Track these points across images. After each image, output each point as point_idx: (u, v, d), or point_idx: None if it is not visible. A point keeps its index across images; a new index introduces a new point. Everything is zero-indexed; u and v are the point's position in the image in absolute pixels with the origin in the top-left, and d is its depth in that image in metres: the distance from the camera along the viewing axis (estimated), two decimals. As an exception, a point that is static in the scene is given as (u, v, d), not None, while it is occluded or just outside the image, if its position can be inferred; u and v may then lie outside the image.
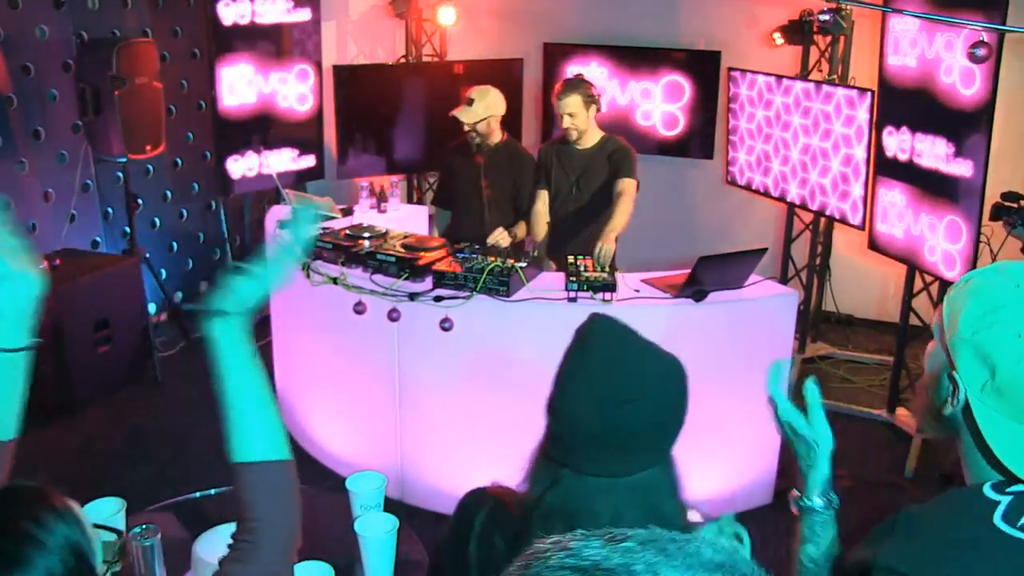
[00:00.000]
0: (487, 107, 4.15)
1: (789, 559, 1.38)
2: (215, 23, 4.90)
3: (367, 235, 3.78)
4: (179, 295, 5.68)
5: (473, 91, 4.18)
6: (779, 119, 4.90)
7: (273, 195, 5.10)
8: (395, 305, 3.45)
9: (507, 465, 1.36)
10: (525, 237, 4.23)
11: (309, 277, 3.67)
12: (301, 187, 5.45)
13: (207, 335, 1.23)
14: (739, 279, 3.56)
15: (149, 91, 4.70)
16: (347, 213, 4.41)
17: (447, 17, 5.94)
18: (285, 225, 1.34)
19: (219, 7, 4.88)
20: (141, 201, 5.18)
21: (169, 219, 5.60)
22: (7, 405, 1.24)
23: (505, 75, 5.76)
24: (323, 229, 3.95)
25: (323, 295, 3.65)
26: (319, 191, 5.48)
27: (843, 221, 4.65)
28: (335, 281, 3.59)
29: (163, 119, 4.87)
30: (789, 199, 4.98)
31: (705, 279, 3.43)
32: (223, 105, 5.04)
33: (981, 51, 3.48)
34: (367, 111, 5.65)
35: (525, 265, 3.49)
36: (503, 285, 3.35)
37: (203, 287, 5.90)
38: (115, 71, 4.47)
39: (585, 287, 3.39)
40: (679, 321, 3.45)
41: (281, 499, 1.21)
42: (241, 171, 5.20)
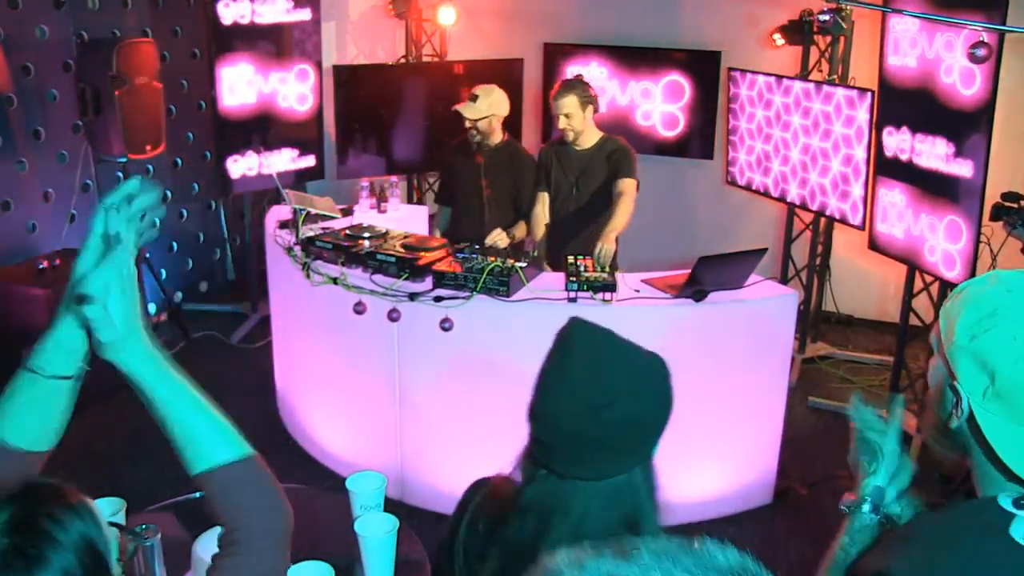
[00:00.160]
0: (490, 105, 4.15)
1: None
2: (215, 23, 4.91)
3: (367, 235, 3.77)
4: (179, 295, 5.69)
5: (478, 88, 4.18)
6: (779, 119, 4.90)
7: (273, 195, 5.10)
8: (395, 305, 3.45)
9: (507, 465, 1.38)
10: (525, 238, 4.23)
11: (309, 277, 3.67)
12: (301, 187, 5.45)
13: (118, 369, 1.16)
14: (739, 279, 3.56)
15: (149, 91, 4.70)
16: (347, 213, 4.41)
17: (447, 17, 5.94)
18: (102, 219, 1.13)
19: (219, 7, 4.88)
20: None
21: (169, 219, 5.60)
22: (51, 422, 1.24)
23: (505, 75, 5.75)
24: (323, 229, 3.96)
25: (323, 295, 3.65)
26: (319, 191, 5.49)
27: (843, 221, 4.65)
28: (335, 281, 3.59)
29: (163, 119, 4.87)
30: (789, 199, 4.98)
31: (705, 279, 3.43)
32: (223, 105, 5.04)
33: (981, 51, 3.48)
34: (367, 111, 5.65)
35: (525, 265, 3.48)
36: (503, 285, 3.35)
37: (203, 287, 5.91)
38: (115, 71, 4.47)
39: (585, 287, 3.39)
40: (679, 321, 3.45)
41: (253, 495, 1.17)
42: (241, 171, 5.20)
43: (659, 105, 5.69)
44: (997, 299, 1.13)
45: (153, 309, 5.27)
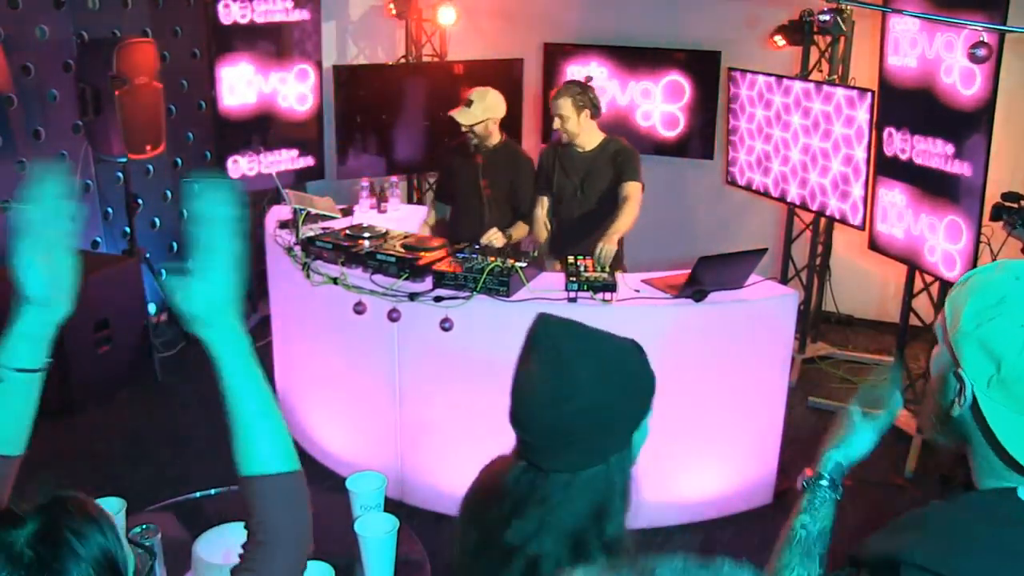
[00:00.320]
0: (485, 109, 4.14)
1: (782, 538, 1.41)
2: (215, 23, 4.91)
3: (367, 235, 3.78)
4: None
5: (472, 92, 4.17)
6: (779, 119, 4.90)
7: (273, 195, 5.10)
8: (395, 305, 3.45)
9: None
10: (523, 238, 4.23)
11: (309, 277, 3.67)
12: (301, 187, 5.45)
13: (206, 349, 1.19)
14: (739, 279, 3.56)
15: (149, 91, 4.70)
16: (347, 213, 4.41)
17: (447, 17, 5.94)
18: (193, 207, 1.18)
19: (219, 7, 4.88)
20: (141, 201, 5.18)
21: (169, 219, 5.60)
22: (18, 423, 1.24)
23: (505, 75, 5.76)
24: (323, 229, 3.96)
25: (323, 295, 3.65)
26: (319, 191, 5.48)
27: (843, 221, 4.65)
28: (335, 281, 3.59)
29: (163, 119, 4.87)
30: (789, 199, 4.98)
31: (705, 279, 3.43)
32: (223, 105, 5.04)
33: (981, 51, 3.48)
34: (367, 111, 5.65)
35: (525, 265, 3.48)
36: (503, 285, 3.35)
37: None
38: (115, 71, 4.47)
39: (585, 287, 3.39)
40: (679, 321, 3.45)
41: (292, 511, 1.18)
42: (241, 171, 5.20)
43: (659, 105, 5.69)
44: (1005, 287, 1.13)
45: (153, 309, 5.26)
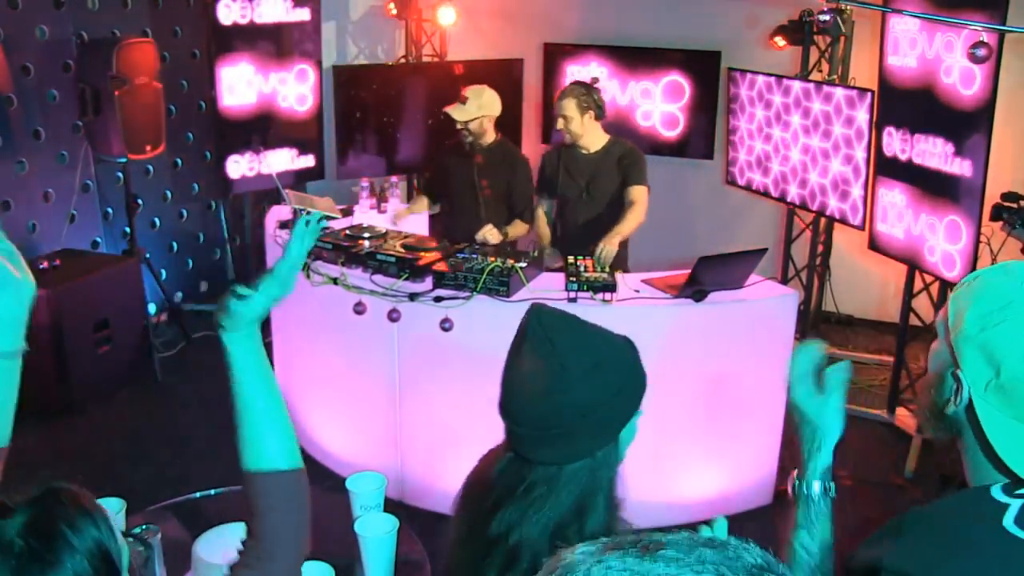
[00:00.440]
0: (480, 106, 4.14)
1: (782, 547, 1.38)
2: (215, 23, 4.90)
3: (367, 235, 3.78)
4: (179, 295, 5.69)
5: (468, 90, 4.18)
6: (779, 119, 4.90)
7: (273, 195, 5.10)
8: (395, 305, 3.45)
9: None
10: (519, 236, 4.22)
11: (309, 277, 3.67)
12: (301, 187, 5.45)
13: (223, 345, 1.22)
14: (739, 279, 3.56)
15: (149, 91, 4.70)
16: (347, 213, 4.41)
17: (447, 17, 5.94)
18: (292, 237, 1.32)
19: (219, 7, 4.88)
20: (141, 201, 5.18)
21: (169, 219, 5.60)
22: (2, 412, 1.23)
23: (505, 75, 5.76)
24: (323, 229, 3.95)
25: (323, 295, 3.65)
26: (319, 191, 5.48)
27: (843, 221, 4.65)
28: (335, 281, 3.59)
29: (163, 119, 4.87)
30: (789, 199, 4.98)
31: (705, 279, 3.43)
32: (223, 105, 5.04)
33: (981, 51, 3.48)
34: (367, 111, 5.65)
35: (525, 265, 3.49)
36: (503, 285, 3.35)
37: (203, 287, 5.91)
38: (115, 71, 4.47)
39: (585, 287, 3.39)
40: (679, 321, 3.45)
41: (292, 508, 1.20)
42: (241, 171, 5.20)
43: (659, 105, 5.69)
44: (1011, 292, 1.12)
45: (153, 309, 5.26)
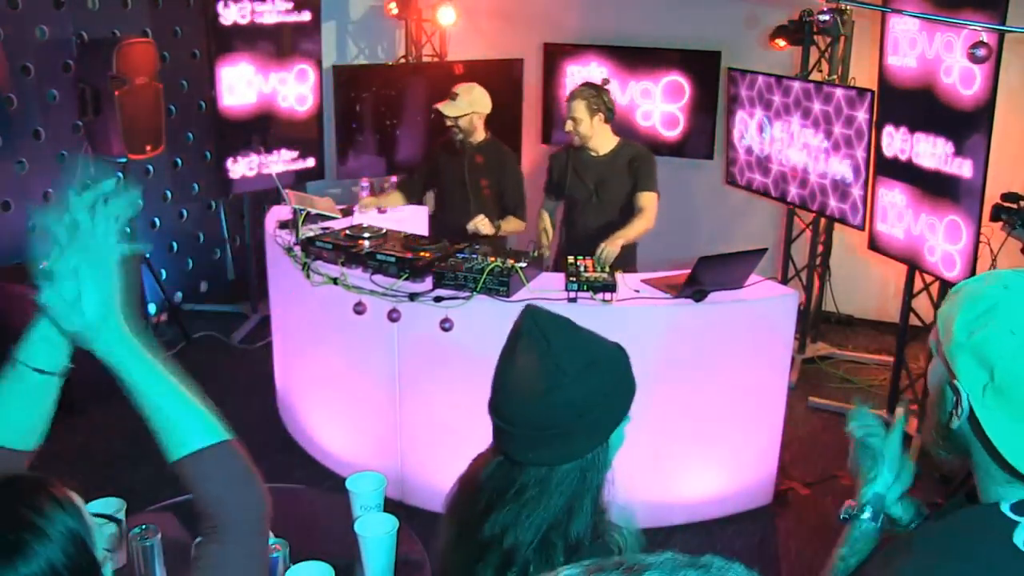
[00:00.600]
0: (471, 103, 4.15)
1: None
2: (215, 23, 4.91)
3: (367, 235, 3.78)
4: (179, 295, 5.69)
5: (458, 87, 4.20)
6: (779, 119, 4.90)
7: (273, 195, 5.10)
8: (395, 305, 3.45)
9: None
10: (512, 232, 4.20)
11: (309, 277, 3.67)
12: (301, 187, 5.45)
13: (98, 356, 1.17)
14: (739, 279, 3.56)
15: (149, 91, 4.70)
16: (347, 213, 4.40)
17: (447, 17, 5.94)
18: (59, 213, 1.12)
19: (219, 7, 4.88)
20: (141, 201, 5.18)
21: (169, 219, 5.60)
22: (35, 420, 1.23)
23: (505, 75, 5.76)
24: (323, 229, 3.96)
25: (323, 295, 3.65)
26: (319, 191, 5.48)
27: (843, 221, 4.64)
28: (335, 281, 3.59)
29: (163, 119, 4.87)
30: (789, 199, 4.98)
31: (705, 279, 3.43)
32: (223, 105, 5.04)
33: (981, 51, 3.48)
34: (367, 111, 5.65)
35: (525, 265, 3.48)
36: (503, 285, 3.35)
37: (203, 287, 5.91)
38: (115, 71, 4.47)
39: (585, 287, 3.39)
40: (679, 321, 3.45)
41: (229, 480, 1.17)
42: (241, 171, 5.20)
43: (659, 105, 5.69)
44: (995, 295, 1.13)
45: (153, 309, 5.27)
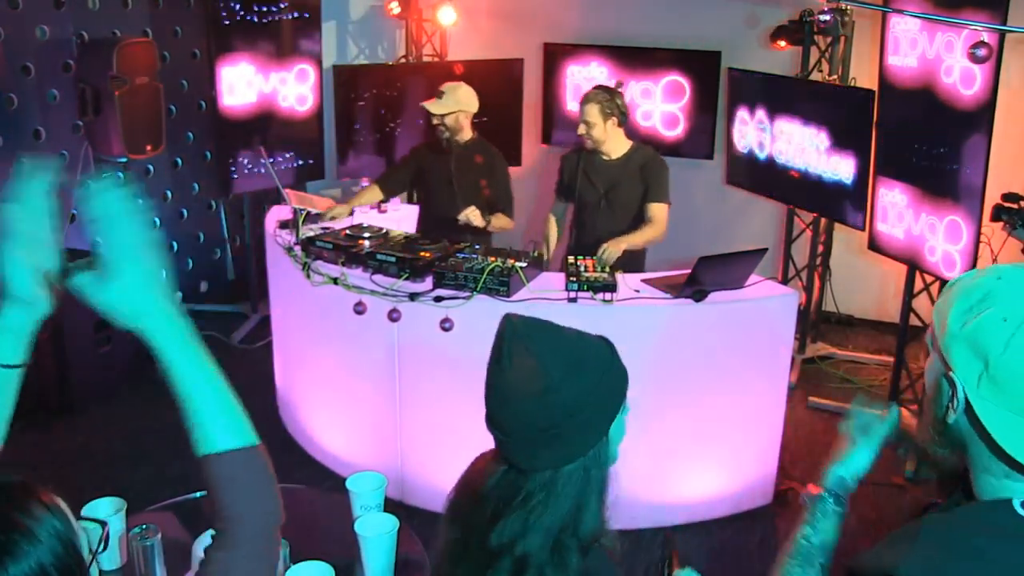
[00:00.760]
0: (457, 101, 4.14)
1: (782, 545, 1.43)
2: (215, 23, 4.90)
3: (367, 235, 3.78)
4: (179, 295, 5.68)
5: (445, 85, 4.20)
6: (779, 119, 4.90)
7: (273, 195, 5.10)
8: (395, 305, 3.45)
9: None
10: (502, 229, 4.18)
11: (309, 277, 3.67)
12: (301, 187, 5.45)
13: (144, 342, 1.17)
14: (739, 279, 3.56)
15: (149, 91, 4.70)
16: (347, 213, 4.40)
17: (447, 17, 5.94)
18: (90, 209, 1.18)
19: (219, 7, 4.88)
20: (141, 201, 5.18)
21: (169, 219, 5.60)
22: (1, 414, 1.23)
23: (505, 75, 5.76)
24: (323, 229, 3.96)
25: (323, 295, 3.65)
26: (319, 191, 5.49)
27: (843, 221, 4.64)
28: (335, 281, 3.59)
29: (163, 119, 4.87)
30: (789, 199, 4.98)
31: (705, 279, 3.43)
32: (223, 105, 5.04)
33: (981, 51, 3.48)
34: (367, 111, 5.66)
35: (525, 265, 3.49)
36: (503, 285, 3.35)
37: (203, 287, 5.91)
38: (115, 71, 4.47)
39: (585, 287, 3.39)
40: (679, 321, 3.45)
41: (251, 485, 1.18)
42: (241, 171, 5.20)
43: (659, 105, 5.69)
44: (987, 285, 1.13)
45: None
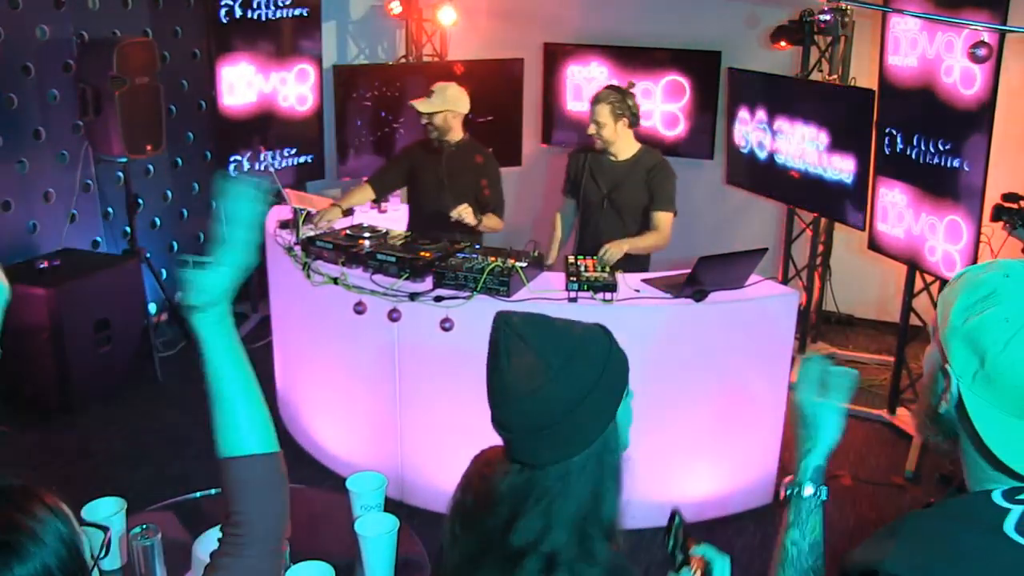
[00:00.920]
0: (445, 100, 4.13)
1: (777, 548, 1.41)
2: (215, 23, 4.90)
3: (367, 235, 3.78)
4: (179, 295, 5.69)
5: (435, 85, 4.20)
6: (779, 119, 4.90)
7: (273, 195, 5.10)
8: (395, 305, 3.45)
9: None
10: (493, 229, 4.16)
11: (309, 277, 3.67)
12: (301, 187, 5.45)
13: (194, 331, 1.22)
14: (739, 279, 3.56)
15: (149, 91, 4.70)
16: (347, 213, 4.40)
17: (447, 17, 5.94)
18: (222, 206, 1.28)
19: (219, 7, 4.88)
20: (141, 201, 5.19)
21: (169, 219, 5.60)
22: None
23: (505, 75, 5.76)
24: (323, 229, 3.96)
25: (323, 295, 3.65)
26: (319, 191, 5.48)
27: (843, 221, 4.64)
28: (335, 281, 3.59)
29: (163, 119, 4.87)
30: (789, 199, 4.98)
31: (705, 279, 3.43)
32: (223, 105, 5.04)
33: (981, 51, 3.48)
34: (367, 111, 5.66)
35: (525, 265, 3.49)
36: (503, 285, 3.35)
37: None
38: (115, 71, 4.47)
39: (585, 287, 3.39)
40: (679, 321, 3.45)
41: (268, 492, 1.19)
42: (241, 171, 5.19)
43: (659, 105, 5.69)
44: (994, 283, 1.13)
45: (153, 309, 5.26)
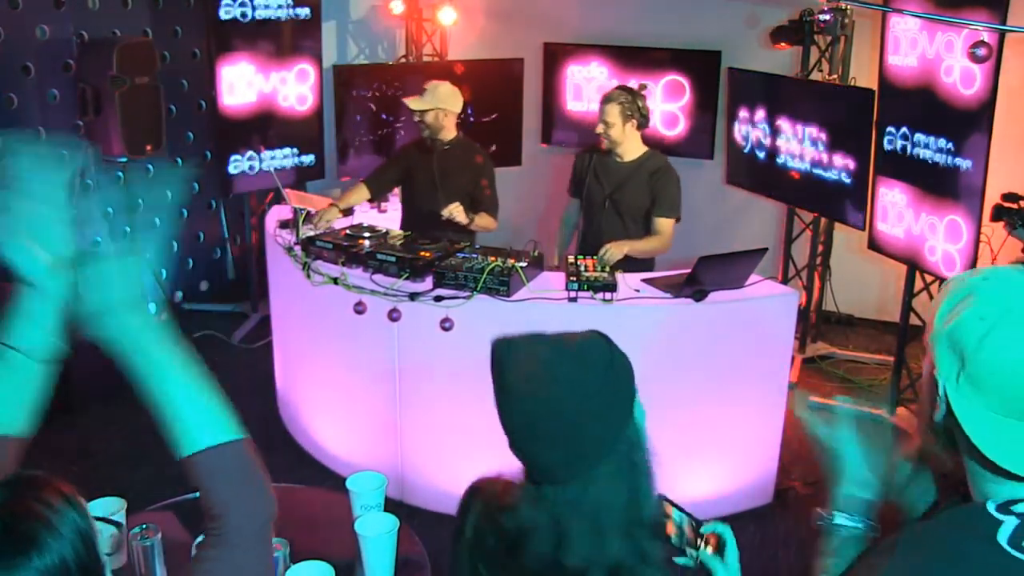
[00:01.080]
0: (436, 98, 4.12)
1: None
2: (215, 23, 4.90)
3: (367, 235, 3.78)
4: (179, 295, 5.69)
5: (428, 83, 4.20)
6: (779, 119, 4.90)
7: (273, 195, 5.10)
8: (395, 305, 3.45)
9: (507, 465, 1.38)
10: (486, 228, 4.16)
11: (309, 277, 3.67)
12: (301, 187, 5.45)
13: (105, 342, 1.15)
14: (739, 279, 3.56)
15: (149, 91, 4.70)
16: (347, 213, 4.40)
17: (447, 17, 5.94)
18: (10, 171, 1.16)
19: (219, 6, 4.88)
20: (141, 201, 5.18)
21: (169, 219, 5.60)
22: (19, 401, 1.21)
23: (505, 75, 5.76)
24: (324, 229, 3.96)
25: (323, 295, 3.65)
26: (319, 191, 5.48)
27: (843, 221, 4.64)
28: (335, 281, 3.59)
29: (163, 119, 4.87)
30: (789, 199, 4.98)
31: (705, 279, 3.43)
32: (223, 105, 5.04)
33: (981, 51, 3.48)
34: (368, 111, 5.66)
35: (525, 265, 3.49)
36: (503, 285, 3.35)
37: (203, 287, 5.91)
38: (115, 71, 4.47)
39: (585, 287, 3.39)
40: (679, 321, 3.45)
41: (237, 479, 1.15)
42: (241, 171, 5.20)
43: (659, 105, 5.68)
44: (973, 284, 1.14)
45: (153, 309, 5.26)
